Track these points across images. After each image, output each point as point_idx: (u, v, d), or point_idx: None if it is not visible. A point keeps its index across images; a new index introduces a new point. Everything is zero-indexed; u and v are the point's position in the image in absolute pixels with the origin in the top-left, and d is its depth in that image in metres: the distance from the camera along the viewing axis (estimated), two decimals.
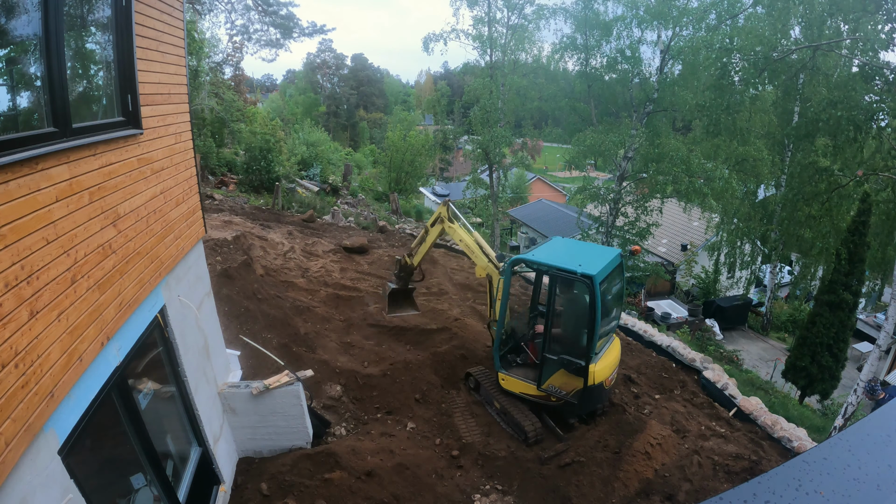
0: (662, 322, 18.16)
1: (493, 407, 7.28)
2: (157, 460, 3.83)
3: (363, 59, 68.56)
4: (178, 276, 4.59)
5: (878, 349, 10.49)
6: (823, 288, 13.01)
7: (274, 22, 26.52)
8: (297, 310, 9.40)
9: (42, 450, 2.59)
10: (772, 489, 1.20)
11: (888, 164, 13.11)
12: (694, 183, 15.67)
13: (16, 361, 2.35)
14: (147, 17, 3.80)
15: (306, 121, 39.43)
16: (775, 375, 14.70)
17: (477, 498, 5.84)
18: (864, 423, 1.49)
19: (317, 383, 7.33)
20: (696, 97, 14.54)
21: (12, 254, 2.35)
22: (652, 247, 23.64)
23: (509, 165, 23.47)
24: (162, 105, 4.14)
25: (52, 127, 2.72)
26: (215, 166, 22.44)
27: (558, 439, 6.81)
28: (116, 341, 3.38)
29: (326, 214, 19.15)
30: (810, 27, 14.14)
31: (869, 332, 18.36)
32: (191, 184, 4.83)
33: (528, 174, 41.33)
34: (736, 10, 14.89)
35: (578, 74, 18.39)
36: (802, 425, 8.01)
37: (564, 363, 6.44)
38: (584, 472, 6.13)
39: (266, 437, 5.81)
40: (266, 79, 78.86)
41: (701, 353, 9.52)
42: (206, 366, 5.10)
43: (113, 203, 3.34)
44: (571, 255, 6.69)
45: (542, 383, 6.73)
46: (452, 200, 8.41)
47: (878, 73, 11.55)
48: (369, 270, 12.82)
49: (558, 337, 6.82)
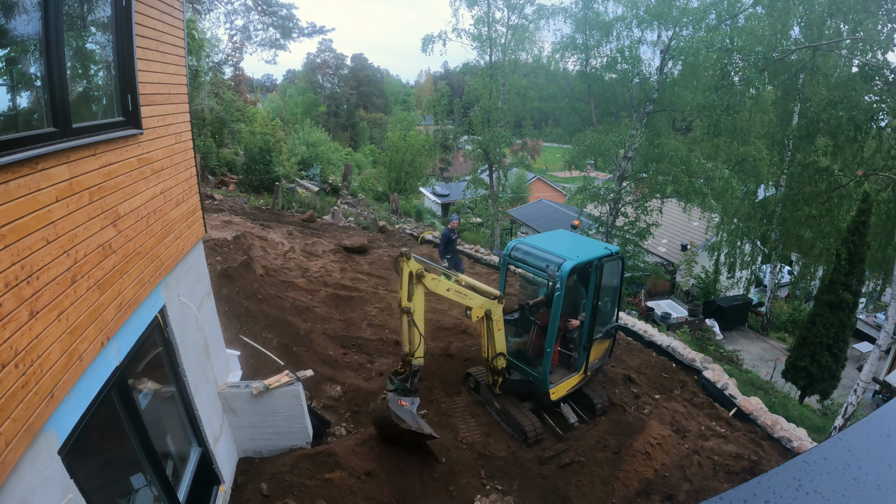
0: (662, 322, 18.16)
1: (493, 407, 7.27)
2: (157, 460, 3.82)
3: (363, 59, 68.59)
4: (178, 276, 4.59)
5: (878, 349, 10.50)
6: (823, 288, 13.02)
7: (274, 22, 26.54)
8: (297, 310, 9.40)
9: (42, 450, 2.59)
10: (772, 489, 1.20)
11: (888, 164, 13.12)
12: (694, 183, 15.67)
13: (16, 361, 2.35)
14: (147, 17, 3.80)
15: (306, 121, 39.40)
16: (775, 375, 14.71)
17: (477, 498, 5.84)
18: (864, 423, 1.49)
19: (317, 383, 7.33)
20: (696, 97, 14.55)
21: (12, 254, 2.35)
22: (652, 247, 23.63)
23: (509, 165, 23.49)
24: (162, 105, 4.14)
25: (52, 127, 2.72)
26: (215, 166, 22.45)
27: (558, 439, 6.82)
28: (116, 341, 3.38)
29: (326, 214, 19.15)
30: (810, 27, 14.14)
31: (869, 332, 18.38)
32: (191, 184, 4.83)
33: (528, 174, 41.31)
34: (736, 10, 14.89)
35: (578, 74, 18.40)
36: (802, 425, 8.01)
37: (602, 334, 7.09)
38: (584, 472, 6.14)
39: (266, 437, 5.81)
40: (266, 79, 78.87)
41: (701, 353, 9.52)
42: (206, 366, 5.10)
43: (113, 203, 3.33)
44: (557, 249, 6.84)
45: (586, 368, 7.12)
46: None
47: (878, 73, 11.56)
48: (369, 270, 12.82)
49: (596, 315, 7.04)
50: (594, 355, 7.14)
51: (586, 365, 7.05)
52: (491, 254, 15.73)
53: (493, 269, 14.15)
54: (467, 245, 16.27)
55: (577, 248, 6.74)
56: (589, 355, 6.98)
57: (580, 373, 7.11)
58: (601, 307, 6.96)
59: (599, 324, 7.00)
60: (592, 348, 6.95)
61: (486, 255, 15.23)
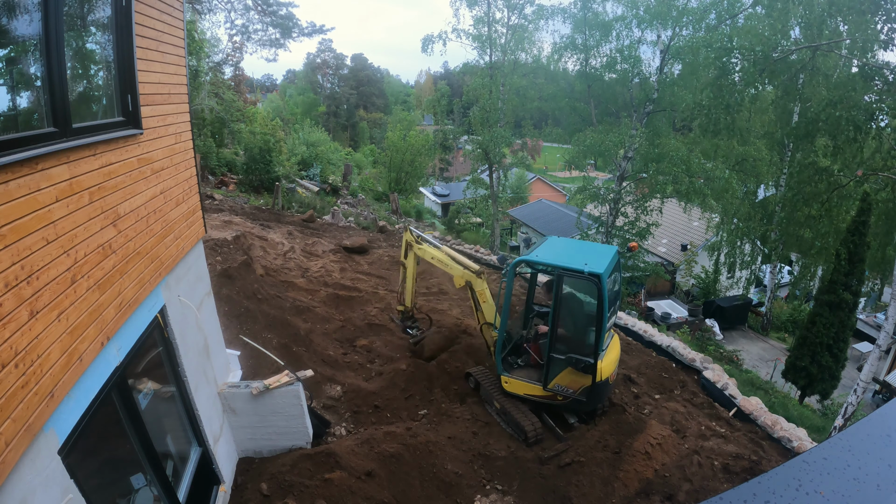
0: (662, 322, 18.16)
1: (493, 407, 7.27)
2: (157, 460, 3.82)
3: (363, 59, 68.59)
4: (178, 276, 4.59)
5: (878, 349, 10.50)
6: (823, 288, 13.01)
7: (273, 22, 26.53)
8: (297, 310, 9.40)
9: (42, 450, 2.59)
10: (772, 489, 1.20)
11: (888, 164, 13.10)
12: (694, 183, 15.66)
13: (16, 361, 2.35)
14: (147, 17, 3.80)
15: (306, 121, 39.42)
16: (775, 375, 14.71)
17: (477, 498, 5.84)
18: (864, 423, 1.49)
19: (317, 383, 7.33)
20: (696, 97, 14.54)
21: (12, 254, 2.35)
22: (652, 247, 23.63)
23: (509, 165, 23.48)
24: (162, 105, 4.14)
25: (52, 127, 2.72)
26: (215, 166, 22.44)
27: (558, 439, 6.81)
28: (116, 341, 3.38)
29: (326, 214, 19.16)
30: (810, 27, 14.14)
31: (869, 332, 18.36)
32: (191, 184, 4.83)
33: (528, 174, 41.29)
34: (736, 10, 14.89)
35: (578, 74, 18.39)
36: (802, 425, 8.01)
37: (573, 361, 6.47)
38: (584, 472, 6.13)
39: (266, 437, 5.81)
40: (266, 79, 78.88)
41: (701, 353, 9.52)
42: (206, 366, 5.10)
43: (113, 203, 3.33)
44: (573, 254, 6.70)
45: (548, 383, 6.71)
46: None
47: (877, 73, 11.55)
48: (369, 270, 12.83)
49: (564, 336, 6.78)
50: (566, 380, 6.63)
51: (545, 381, 6.69)
52: (491, 254, 15.75)
53: (494, 269, 14.15)
54: (467, 245, 16.28)
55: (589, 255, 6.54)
56: (548, 373, 6.60)
57: (542, 387, 6.75)
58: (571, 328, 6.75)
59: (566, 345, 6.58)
60: (563, 373, 6.57)
61: (486, 255, 15.24)
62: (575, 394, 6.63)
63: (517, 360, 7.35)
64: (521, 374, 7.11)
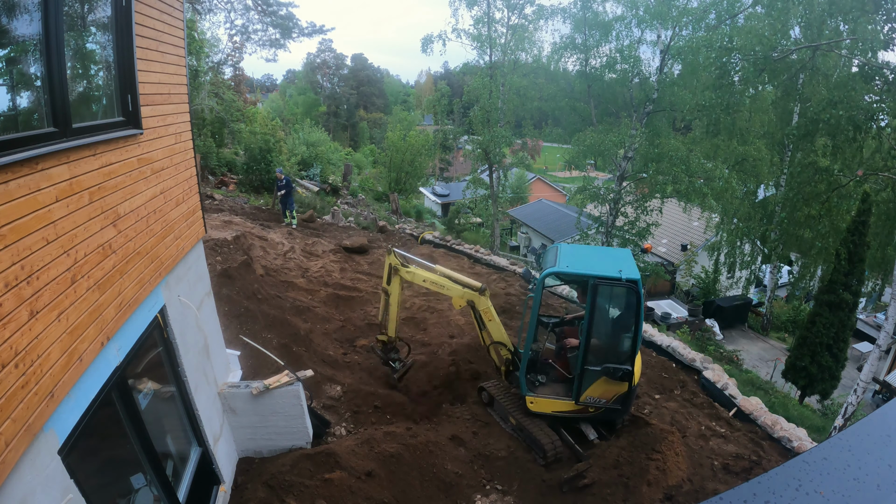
0: (662, 322, 18.16)
1: (509, 423, 6.88)
2: (157, 460, 3.82)
3: (363, 59, 68.58)
4: (178, 276, 4.59)
5: (878, 349, 10.50)
6: (823, 288, 13.02)
7: (273, 22, 26.52)
8: (297, 310, 9.40)
9: (42, 450, 2.59)
10: (772, 489, 1.20)
11: (888, 164, 13.11)
12: (694, 183, 15.67)
13: (16, 361, 2.35)
14: (147, 17, 3.80)
15: (306, 121, 39.36)
16: (775, 375, 14.72)
17: (477, 498, 5.84)
18: (864, 423, 1.49)
19: (317, 383, 7.33)
20: (696, 97, 14.54)
21: (12, 254, 2.35)
22: (652, 247, 23.65)
23: (509, 165, 23.47)
24: (162, 105, 4.14)
25: (52, 127, 2.72)
26: (215, 166, 22.43)
27: (578, 458, 6.37)
28: (116, 341, 3.38)
29: (326, 214, 19.16)
30: (810, 27, 14.14)
31: (869, 332, 18.38)
32: (191, 184, 4.83)
33: (528, 174, 41.31)
34: (736, 9, 14.89)
35: (578, 74, 18.40)
36: (802, 425, 8.01)
37: (609, 371, 6.23)
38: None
39: (266, 437, 5.81)
40: (266, 79, 78.86)
41: (701, 353, 9.52)
42: (206, 366, 5.10)
43: (113, 203, 3.33)
44: (598, 261, 6.47)
45: (580, 396, 6.42)
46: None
47: (878, 73, 11.56)
48: (369, 270, 12.82)
49: (597, 346, 6.40)
50: (598, 391, 6.37)
51: (577, 394, 6.42)
52: (490, 254, 15.74)
53: (493, 270, 14.14)
54: (467, 245, 16.27)
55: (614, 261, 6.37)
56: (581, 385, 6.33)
57: (574, 402, 6.48)
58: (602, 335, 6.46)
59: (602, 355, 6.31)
60: (596, 384, 6.31)
61: (485, 256, 15.24)
62: (608, 403, 6.39)
63: (537, 377, 6.86)
64: (547, 391, 6.73)
